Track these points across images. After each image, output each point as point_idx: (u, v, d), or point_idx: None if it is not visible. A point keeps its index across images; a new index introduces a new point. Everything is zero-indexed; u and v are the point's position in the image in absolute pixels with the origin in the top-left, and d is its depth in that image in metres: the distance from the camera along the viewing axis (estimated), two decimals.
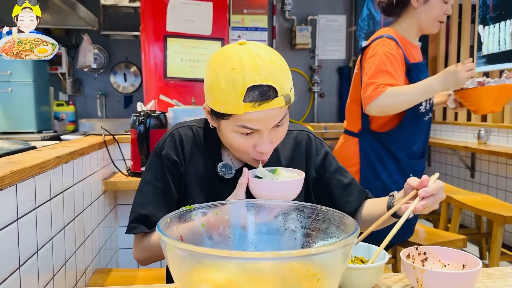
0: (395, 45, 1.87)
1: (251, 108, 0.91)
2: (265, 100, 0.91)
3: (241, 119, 0.94)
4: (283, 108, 0.97)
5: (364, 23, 4.83)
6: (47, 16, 3.53)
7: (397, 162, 1.93)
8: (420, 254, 0.93)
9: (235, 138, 0.99)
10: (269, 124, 0.96)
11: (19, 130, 3.15)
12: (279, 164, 1.14)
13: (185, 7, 2.93)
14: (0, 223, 1.02)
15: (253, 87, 0.91)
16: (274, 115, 0.95)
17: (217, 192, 1.08)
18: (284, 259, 0.61)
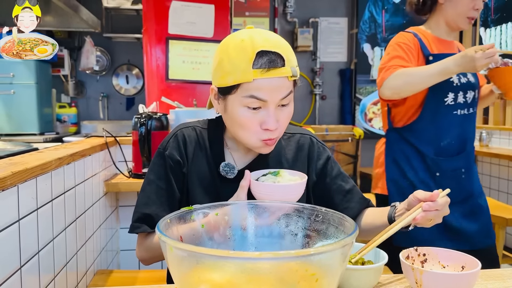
0: (411, 37, 1.85)
1: (260, 74, 0.94)
2: (273, 67, 0.94)
3: (250, 88, 0.96)
4: (290, 80, 0.99)
5: (365, 26, 4.84)
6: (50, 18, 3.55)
7: (423, 159, 1.83)
8: (419, 255, 0.93)
9: (242, 113, 0.99)
10: (276, 95, 0.97)
11: (21, 132, 3.16)
12: (281, 166, 1.14)
13: (187, 10, 2.94)
14: (2, 223, 1.03)
15: (262, 52, 0.94)
16: (282, 86, 0.97)
17: (219, 192, 1.09)
18: (283, 259, 0.61)
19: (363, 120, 4.90)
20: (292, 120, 5.02)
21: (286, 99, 1.00)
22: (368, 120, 4.91)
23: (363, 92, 4.90)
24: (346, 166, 4.29)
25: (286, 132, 1.21)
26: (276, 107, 1.00)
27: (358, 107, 4.91)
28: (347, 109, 4.99)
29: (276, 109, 1.00)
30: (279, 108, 1.01)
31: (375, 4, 4.82)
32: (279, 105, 1.01)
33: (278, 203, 0.90)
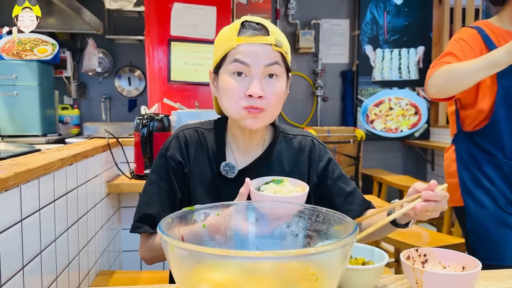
0: (473, 32, 1.69)
1: (244, 40, 1.00)
2: (256, 35, 1.01)
3: (234, 53, 1.01)
4: (275, 50, 1.01)
5: (367, 27, 4.84)
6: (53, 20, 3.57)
7: (498, 166, 1.67)
8: (420, 255, 0.93)
9: (227, 80, 1.03)
10: (259, 60, 1.00)
11: (24, 134, 3.18)
12: (281, 168, 1.14)
13: (189, 12, 2.95)
14: (4, 224, 1.04)
15: (247, 22, 1.02)
16: (265, 53, 1.00)
17: (220, 192, 1.10)
18: (283, 258, 0.62)
19: (364, 121, 4.90)
20: (293, 121, 5.03)
21: (271, 68, 1.01)
22: (369, 121, 4.91)
23: (364, 93, 4.90)
24: (347, 167, 4.29)
25: (288, 133, 1.21)
26: (262, 77, 1.01)
27: (359, 109, 4.91)
28: (348, 111, 4.99)
29: (261, 78, 1.01)
30: (266, 79, 1.02)
31: (376, 5, 4.83)
32: (265, 76, 1.02)
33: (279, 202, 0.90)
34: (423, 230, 2.56)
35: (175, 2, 2.92)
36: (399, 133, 4.94)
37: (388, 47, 4.87)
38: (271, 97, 1.02)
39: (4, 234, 1.03)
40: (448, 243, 2.28)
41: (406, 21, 4.86)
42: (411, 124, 4.94)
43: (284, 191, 0.97)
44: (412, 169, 5.02)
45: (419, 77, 4.91)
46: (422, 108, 4.94)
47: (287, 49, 1.05)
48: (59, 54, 3.97)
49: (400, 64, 4.91)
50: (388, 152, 5.04)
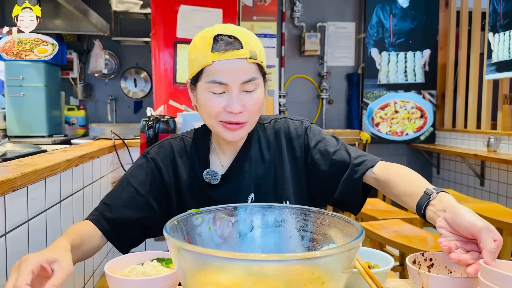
0: None
1: (218, 56, 0.97)
2: (230, 49, 0.97)
3: (211, 72, 0.98)
4: (250, 63, 0.99)
5: (373, 30, 4.83)
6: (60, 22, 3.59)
7: None
8: (426, 260, 0.92)
9: (208, 98, 1.01)
10: (236, 78, 0.98)
11: (30, 134, 3.19)
12: (262, 159, 1.12)
13: (195, 14, 2.96)
14: (11, 224, 1.04)
15: (219, 36, 0.99)
16: (242, 68, 0.98)
17: (207, 196, 1.09)
18: (289, 261, 0.62)
19: (370, 124, 4.89)
20: None
21: (249, 85, 1.00)
22: (375, 124, 4.90)
23: (370, 96, 4.89)
24: None
25: (262, 122, 1.18)
26: (240, 91, 1.00)
27: (365, 112, 4.90)
28: (354, 114, 4.99)
29: (240, 93, 1.00)
30: (244, 93, 1.00)
31: (383, 9, 4.82)
32: (244, 91, 1.00)
33: (284, 206, 0.90)
34: (428, 234, 2.55)
35: (182, 4, 2.93)
36: (404, 137, 4.92)
37: (394, 50, 4.86)
38: (251, 108, 1.01)
39: (11, 234, 1.04)
40: None
41: (412, 24, 4.85)
42: (417, 128, 4.92)
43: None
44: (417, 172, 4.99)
45: (424, 80, 4.90)
46: (428, 111, 4.92)
47: (262, 57, 1.02)
48: (66, 56, 3.99)
49: (406, 67, 4.89)
50: (393, 156, 5.02)
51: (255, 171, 1.11)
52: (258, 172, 1.11)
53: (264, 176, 1.11)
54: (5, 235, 1.01)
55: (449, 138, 4.71)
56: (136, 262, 0.89)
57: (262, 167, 1.12)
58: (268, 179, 1.11)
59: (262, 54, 1.04)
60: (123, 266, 0.87)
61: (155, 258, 0.90)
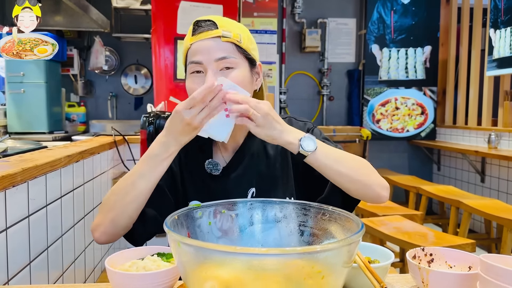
0: None
1: (194, 38, 1.03)
2: (204, 31, 1.03)
3: (190, 54, 1.04)
4: (224, 41, 1.02)
5: (374, 27, 4.82)
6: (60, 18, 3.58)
7: None
8: (426, 255, 0.92)
9: (190, 80, 1.05)
10: (210, 56, 1.01)
11: (31, 131, 3.19)
12: (266, 154, 1.13)
13: (196, 10, 2.96)
14: (12, 219, 1.04)
15: (197, 22, 1.05)
16: (215, 47, 1.02)
17: (209, 188, 1.09)
18: (290, 255, 0.62)
19: (370, 121, 4.89)
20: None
21: (224, 63, 1.02)
22: (376, 121, 4.90)
23: (371, 93, 4.88)
24: None
25: None
26: (217, 70, 1.02)
27: (366, 108, 4.89)
28: (354, 110, 4.98)
29: (217, 72, 1.02)
30: (222, 71, 1.02)
31: (384, 5, 4.80)
32: (221, 69, 1.02)
33: (284, 201, 0.90)
34: (428, 231, 2.55)
35: (182, 0, 2.92)
36: (405, 133, 4.92)
37: (394, 47, 4.85)
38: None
39: (12, 230, 1.04)
40: (453, 243, 2.26)
41: (413, 20, 4.83)
42: (418, 124, 4.92)
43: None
44: (418, 169, 5.00)
45: (425, 76, 4.89)
46: (429, 108, 4.92)
47: (240, 38, 1.04)
48: (66, 52, 3.98)
49: (407, 63, 4.88)
50: (394, 152, 5.02)
51: (257, 166, 1.11)
52: (260, 167, 1.11)
53: (267, 172, 1.11)
54: (6, 230, 1.01)
55: (449, 135, 4.70)
56: (137, 257, 0.90)
57: (264, 163, 1.12)
58: (271, 175, 1.11)
59: (244, 36, 1.06)
60: (124, 261, 0.88)
61: (156, 253, 0.91)
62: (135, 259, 0.89)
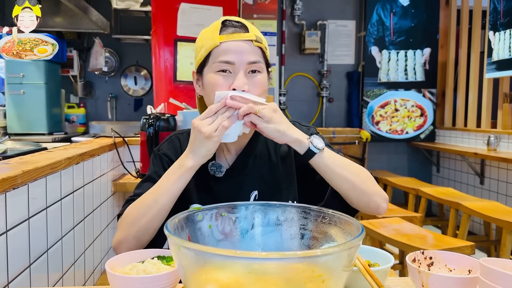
0: None
1: (226, 37, 1.03)
2: (237, 32, 1.04)
3: (218, 53, 1.03)
4: (256, 46, 1.04)
5: (373, 29, 4.83)
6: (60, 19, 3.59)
7: None
8: (426, 258, 0.93)
9: (214, 78, 1.04)
10: (243, 57, 1.02)
11: (30, 132, 3.19)
12: (269, 158, 1.13)
13: (196, 12, 2.96)
14: (12, 221, 1.04)
15: (227, 21, 1.06)
16: (248, 49, 1.03)
17: (211, 190, 1.10)
18: (290, 259, 0.62)
19: (370, 123, 4.89)
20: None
21: (254, 65, 1.04)
22: (375, 123, 4.90)
23: (370, 95, 4.89)
24: None
25: None
26: (246, 72, 1.03)
27: (365, 110, 4.90)
28: (354, 112, 4.98)
29: (245, 74, 1.03)
30: (249, 74, 1.04)
31: (383, 7, 4.81)
32: (249, 72, 1.04)
33: (284, 204, 0.90)
34: (427, 233, 2.55)
35: (182, 2, 2.92)
36: (404, 135, 4.92)
37: (394, 49, 4.86)
38: (254, 89, 1.03)
39: (12, 232, 1.04)
40: (453, 246, 2.27)
41: (412, 22, 4.84)
42: (417, 126, 4.92)
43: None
44: (417, 171, 5.00)
45: (425, 78, 4.90)
46: (428, 109, 4.92)
47: (266, 45, 1.08)
48: (66, 53, 3.99)
49: (406, 65, 4.89)
50: (393, 154, 5.02)
51: (260, 169, 1.11)
52: (263, 170, 1.11)
53: (270, 175, 1.11)
54: (6, 233, 1.01)
55: (449, 137, 4.71)
56: (137, 260, 0.90)
57: (268, 166, 1.12)
58: (273, 178, 1.11)
59: (266, 44, 1.09)
60: (124, 264, 0.88)
61: (156, 256, 0.91)
62: (135, 262, 0.89)
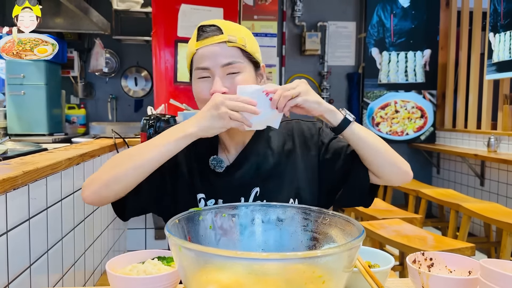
0: None
1: (200, 44, 1.05)
2: (210, 36, 1.04)
3: (196, 60, 1.05)
4: (230, 46, 1.04)
5: (374, 30, 4.83)
6: (60, 20, 3.59)
7: None
8: (426, 259, 0.93)
9: (196, 85, 1.07)
10: (216, 61, 1.03)
11: (30, 132, 3.19)
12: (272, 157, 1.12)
13: (196, 13, 2.96)
14: (13, 222, 1.04)
15: (203, 27, 1.06)
16: (221, 53, 1.03)
17: (213, 184, 1.09)
18: (290, 260, 0.62)
19: (370, 124, 4.89)
20: None
21: (230, 68, 1.04)
22: (375, 124, 4.90)
23: (370, 96, 4.89)
24: None
25: None
26: (224, 75, 1.04)
27: (365, 111, 4.90)
28: (354, 113, 4.98)
29: (224, 76, 1.04)
30: (228, 76, 1.04)
31: (383, 8, 4.82)
32: (228, 74, 1.04)
33: (285, 205, 0.90)
34: (428, 234, 2.55)
35: (182, 3, 2.93)
36: (404, 136, 4.93)
37: (394, 50, 4.86)
38: (234, 90, 1.02)
39: (12, 232, 1.04)
40: (453, 247, 2.26)
41: (412, 24, 4.84)
42: (417, 127, 4.92)
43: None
44: (417, 172, 4.99)
45: (425, 80, 4.90)
46: (428, 111, 4.92)
47: (245, 42, 1.06)
48: (66, 54, 3.99)
49: (407, 67, 4.89)
50: None
51: (262, 166, 1.11)
52: (265, 167, 1.11)
53: (271, 172, 1.11)
54: (6, 233, 1.01)
55: (449, 138, 4.71)
56: (137, 261, 0.90)
57: (270, 164, 1.11)
58: (275, 175, 1.11)
59: (248, 40, 1.07)
60: (124, 265, 0.88)
61: (156, 257, 0.91)
62: (135, 262, 0.89)
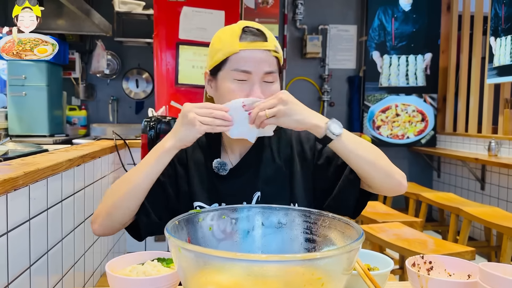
0: None
1: (245, 45, 1.03)
2: (257, 40, 1.04)
3: (236, 60, 1.03)
4: (273, 56, 1.05)
5: (375, 33, 4.84)
6: (62, 22, 3.60)
7: None
8: (425, 263, 0.93)
9: (230, 86, 1.04)
10: (261, 67, 1.03)
11: (31, 134, 3.20)
12: (274, 162, 1.13)
13: (198, 16, 2.97)
14: (13, 222, 1.05)
15: (247, 28, 1.05)
16: (266, 59, 1.04)
17: (216, 188, 1.10)
18: (290, 262, 0.62)
19: (371, 127, 4.89)
20: None
21: (270, 76, 1.05)
22: (376, 127, 4.90)
23: (371, 99, 4.89)
24: None
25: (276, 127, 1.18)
26: (261, 82, 1.04)
27: (366, 115, 4.90)
28: (355, 116, 4.99)
29: (260, 83, 1.04)
30: (265, 84, 1.05)
31: (384, 12, 4.82)
32: (264, 81, 1.05)
33: (284, 207, 0.90)
34: (428, 238, 2.55)
35: (184, 6, 2.94)
36: (405, 140, 4.92)
37: (395, 53, 4.87)
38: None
39: (13, 233, 1.04)
40: (453, 251, 2.26)
41: (414, 27, 4.85)
42: (418, 131, 4.92)
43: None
44: (418, 176, 4.99)
45: (426, 83, 4.90)
46: (429, 114, 4.92)
47: (281, 55, 1.10)
48: (68, 55, 4.00)
49: (408, 70, 4.90)
50: (394, 159, 4.93)
51: (264, 171, 1.11)
52: (267, 172, 1.11)
53: (273, 177, 1.11)
54: (7, 234, 1.01)
55: (450, 142, 4.70)
56: (137, 262, 0.90)
57: (271, 168, 1.12)
58: (277, 180, 1.12)
59: (282, 54, 1.10)
60: (124, 266, 0.88)
61: (156, 258, 0.91)
62: (135, 264, 0.89)
